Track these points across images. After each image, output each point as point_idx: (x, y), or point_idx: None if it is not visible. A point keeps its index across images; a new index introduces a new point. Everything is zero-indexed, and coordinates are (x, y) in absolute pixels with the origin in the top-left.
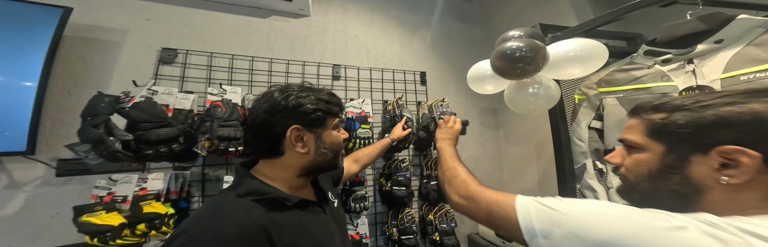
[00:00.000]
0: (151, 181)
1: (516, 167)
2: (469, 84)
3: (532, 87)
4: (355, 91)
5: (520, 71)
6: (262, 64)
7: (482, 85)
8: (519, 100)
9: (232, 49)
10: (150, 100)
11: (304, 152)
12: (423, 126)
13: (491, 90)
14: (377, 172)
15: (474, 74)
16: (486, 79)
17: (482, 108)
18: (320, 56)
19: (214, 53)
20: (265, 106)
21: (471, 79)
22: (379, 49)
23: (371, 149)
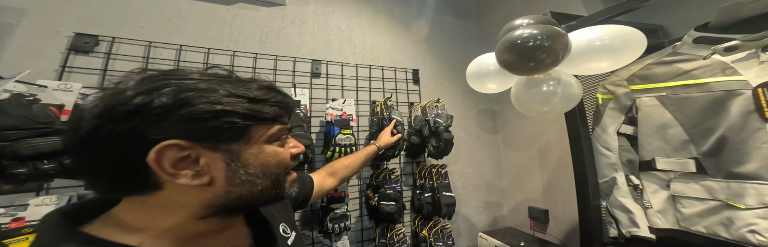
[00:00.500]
0: (33, 208)
1: (517, 174)
2: (468, 82)
3: (546, 84)
4: (337, 90)
5: (535, 65)
6: (222, 58)
7: (484, 83)
8: (530, 101)
9: (181, 38)
10: (21, 97)
11: (202, 183)
12: (415, 130)
13: (494, 89)
14: (363, 182)
15: (475, 70)
16: (489, 76)
17: (480, 110)
18: (297, 50)
19: (155, 43)
20: (99, 107)
21: (471, 76)
22: (366, 44)
23: (353, 159)
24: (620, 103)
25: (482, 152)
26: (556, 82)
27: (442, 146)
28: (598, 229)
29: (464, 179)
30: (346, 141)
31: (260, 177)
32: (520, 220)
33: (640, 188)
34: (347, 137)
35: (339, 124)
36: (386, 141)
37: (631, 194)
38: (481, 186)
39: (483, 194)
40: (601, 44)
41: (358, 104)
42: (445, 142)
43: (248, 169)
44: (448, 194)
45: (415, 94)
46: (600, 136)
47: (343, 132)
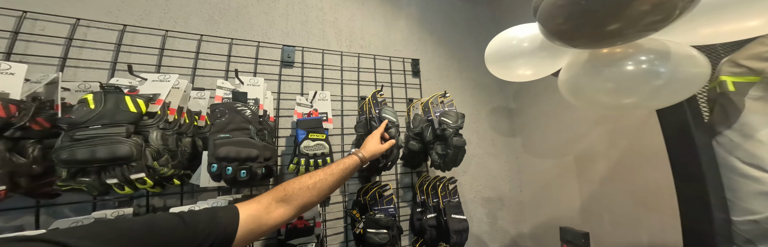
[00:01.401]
0: None
1: (542, 187)
2: (488, 66)
3: (633, 61)
4: (316, 83)
5: (620, 28)
6: (148, 39)
7: (512, 69)
8: (598, 89)
9: (82, 10)
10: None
11: None
12: (415, 133)
13: (528, 75)
14: (349, 198)
15: (499, 50)
16: (521, 57)
17: (494, 108)
18: (263, 34)
19: (32, 13)
20: None
21: (492, 59)
22: (355, 29)
23: (321, 177)
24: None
25: (497, 160)
26: (657, 57)
27: (450, 154)
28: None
29: (475, 191)
30: (316, 150)
31: None
32: (547, 241)
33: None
34: (318, 144)
35: (305, 125)
36: (373, 150)
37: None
38: (494, 199)
39: (497, 208)
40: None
41: (342, 100)
42: (454, 149)
43: None
44: (459, 216)
45: (414, 89)
46: (738, 145)
47: (312, 137)
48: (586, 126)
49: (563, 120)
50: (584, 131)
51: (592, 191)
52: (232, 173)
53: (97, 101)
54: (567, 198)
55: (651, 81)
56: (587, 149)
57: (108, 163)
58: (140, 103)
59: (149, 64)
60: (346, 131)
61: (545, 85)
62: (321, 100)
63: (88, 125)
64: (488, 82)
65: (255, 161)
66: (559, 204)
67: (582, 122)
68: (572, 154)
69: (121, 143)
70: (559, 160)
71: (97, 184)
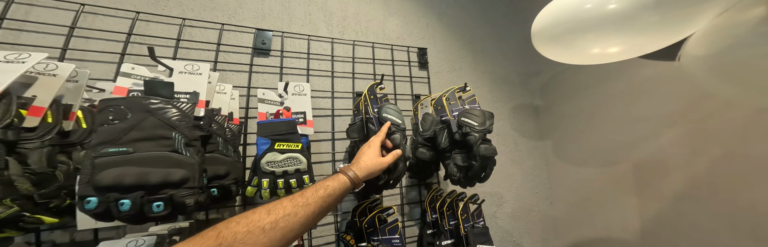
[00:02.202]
0: None
1: (582, 201)
2: (541, 45)
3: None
4: (300, 75)
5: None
6: (55, 14)
7: (583, 45)
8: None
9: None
10: None
11: None
12: (426, 139)
13: (611, 54)
14: (343, 218)
15: (559, 19)
16: (602, 27)
17: (516, 106)
18: (230, 15)
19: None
20: None
21: (550, 33)
22: (348, 12)
23: (286, 211)
24: None
25: (521, 167)
26: None
27: (476, 167)
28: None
29: (496, 206)
30: (286, 166)
31: None
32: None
33: None
34: (289, 157)
35: (269, 131)
36: (371, 166)
37: None
38: (521, 214)
39: (524, 225)
40: None
41: (333, 97)
42: (482, 160)
43: None
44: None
45: (422, 84)
46: None
47: (280, 147)
48: (651, 127)
49: (613, 119)
50: (648, 133)
51: (661, 211)
52: (132, 209)
53: None
54: (620, 217)
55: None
56: (653, 157)
57: None
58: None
59: (53, 47)
60: (338, 136)
61: (588, 76)
62: (297, 94)
63: None
64: (508, 75)
65: (180, 187)
66: (606, 223)
67: (644, 122)
68: (627, 162)
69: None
70: (607, 169)
71: None
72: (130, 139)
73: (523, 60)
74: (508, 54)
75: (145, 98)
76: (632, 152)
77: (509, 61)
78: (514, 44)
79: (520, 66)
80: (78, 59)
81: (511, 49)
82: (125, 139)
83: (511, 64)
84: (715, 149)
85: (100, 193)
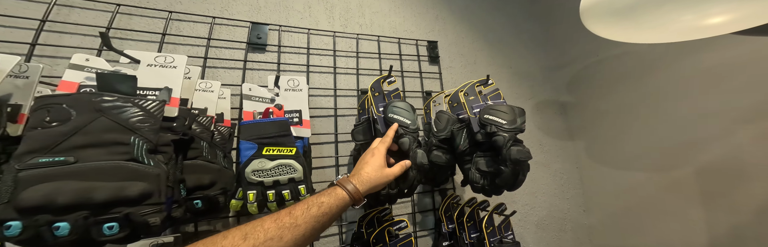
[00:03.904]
0: None
1: (625, 209)
2: (591, 21)
3: None
4: (299, 72)
5: None
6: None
7: (662, 19)
8: None
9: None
10: None
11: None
12: (441, 140)
13: (715, 27)
14: (348, 229)
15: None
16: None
17: (540, 102)
18: (223, 8)
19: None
20: None
21: (611, 6)
22: (351, 5)
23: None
24: None
25: (549, 170)
26: None
27: (507, 172)
28: None
29: (522, 213)
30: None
31: None
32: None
33: None
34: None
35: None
36: (374, 178)
37: None
38: (551, 223)
39: (554, 235)
40: None
41: (336, 95)
42: (513, 164)
43: None
44: None
45: (433, 79)
46: None
47: (269, 153)
48: (721, 124)
49: (664, 116)
50: (716, 131)
51: (740, 225)
52: (70, 233)
53: None
54: (680, 230)
55: None
56: (725, 160)
57: None
58: None
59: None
60: (342, 138)
61: (625, 68)
62: (291, 90)
63: None
64: (530, 69)
65: (140, 204)
66: (662, 237)
67: (711, 118)
68: (690, 166)
69: None
70: (659, 174)
71: None
72: (71, 145)
73: (546, 52)
74: (529, 46)
75: (97, 95)
76: (695, 155)
77: (530, 53)
78: (536, 35)
79: (544, 59)
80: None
81: (532, 40)
82: (65, 145)
83: (532, 56)
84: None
85: (25, 215)
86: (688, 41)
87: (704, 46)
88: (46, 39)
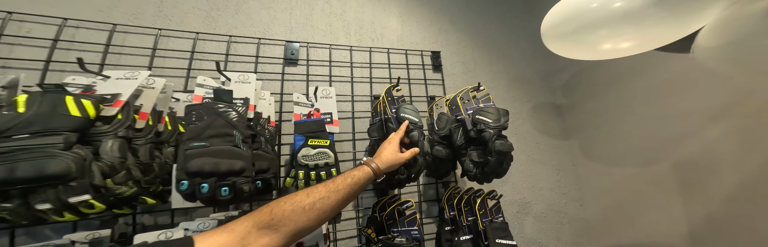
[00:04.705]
0: None
1: (618, 203)
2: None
3: None
4: (324, 81)
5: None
6: (140, 38)
7: (593, 41)
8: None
9: (68, 10)
10: None
11: None
12: (441, 137)
13: (623, 49)
14: (364, 214)
15: (567, 17)
16: (612, 24)
17: (537, 105)
18: (264, 30)
19: (18, 14)
20: None
21: (561, 31)
22: (365, 21)
23: (321, 195)
24: None
25: (546, 167)
26: None
27: (492, 162)
28: None
29: (519, 205)
30: (318, 159)
31: None
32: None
33: None
34: (320, 152)
35: (304, 129)
36: (391, 159)
37: None
38: (548, 217)
39: (552, 228)
40: None
41: (353, 101)
42: (497, 155)
43: None
44: (507, 242)
45: (436, 85)
46: None
47: (312, 143)
48: (694, 122)
49: (649, 115)
50: (691, 129)
51: (712, 213)
52: (208, 192)
53: (30, 104)
54: (663, 220)
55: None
56: (699, 155)
57: (35, 183)
58: (87, 105)
59: (141, 65)
60: (359, 136)
61: (614, 72)
62: (324, 97)
63: (11, 133)
64: (527, 74)
65: (240, 175)
66: (647, 227)
67: (686, 117)
68: (668, 161)
69: (54, 157)
70: (643, 168)
71: (23, 210)
72: (206, 135)
73: (542, 59)
74: (526, 53)
75: (214, 103)
76: (673, 150)
77: (527, 60)
78: (532, 43)
79: (540, 65)
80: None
81: (528, 48)
82: (203, 135)
83: (529, 63)
84: None
85: (189, 177)
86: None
87: (679, 55)
88: (160, 63)
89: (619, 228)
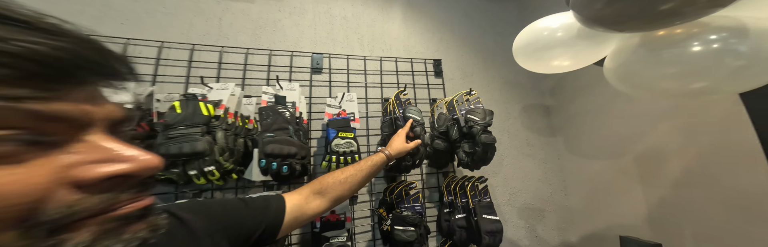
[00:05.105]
0: None
1: (594, 191)
2: (518, 59)
3: (700, 42)
4: (342, 87)
5: (675, 8)
6: (209, 55)
7: (545, 60)
8: (658, 75)
9: (164, 34)
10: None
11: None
12: (440, 132)
13: (566, 66)
14: (376, 197)
15: (527, 42)
16: (555, 48)
17: (527, 106)
18: (295, 44)
19: (133, 40)
20: None
21: (522, 51)
22: (375, 34)
23: (351, 172)
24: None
25: (534, 160)
26: (734, 35)
27: (479, 152)
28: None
29: (509, 194)
30: (345, 147)
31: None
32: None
33: None
34: (347, 142)
35: (335, 125)
36: (399, 148)
37: None
38: (535, 205)
39: (538, 215)
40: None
41: (367, 103)
42: (483, 146)
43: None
44: (491, 217)
45: (437, 89)
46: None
47: (341, 135)
48: (648, 121)
49: (617, 115)
50: (646, 127)
51: (664, 197)
52: (276, 168)
53: (182, 107)
54: (628, 205)
55: (728, 62)
56: (652, 148)
57: (190, 157)
58: (210, 108)
59: (211, 76)
60: (371, 132)
61: (591, 78)
62: (348, 101)
63: (176, 126)
64: (519, 79)
65: (294, 158)
66: (618, 211)
67: (642, 117)
68: (631, 154)
69: (198, 141)
70: (613, 161)
71: (182, 174)
72: (273, 128)
73: None
74: None
75: (276, 106)
76: (633, 145)
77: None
78: None
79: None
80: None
81: None
82: (271, 129)
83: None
84: (704, 139)
85: (266, 157)
86: None
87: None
88: (224, 74)
89: (596, 213)
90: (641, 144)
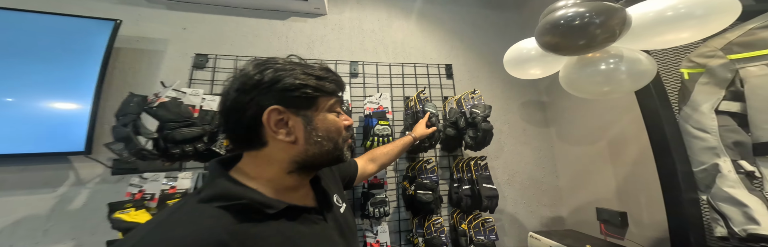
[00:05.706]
0: (180, 180)
1: (579, 172)
2: (507, 69)
3: (604, 63)
4: (373, 87)
5: (586, 43)
6: None
7: (525, 70)
8: (585, 82)
9: (255, 51)
10: (176, 100)
11: (290, 140)
12: (451, 122)
13: (539, 74)
14: (400, 174)
15: (513, 57)
16: (530, 62)
17: (525, 101)
18: (337, 54)
19: (239, 56)
20: (236, 84)
21: (509, 63)
22: (397, 44)
23: (390, 147)
24: (717, 76)
25: (529, 147)
26: (618, 60)
27: (480, 136)
28: (699, 228)
29: (509, 175)
30: (384, 131)
31: (326, 139)
32: (584, 223)
33: (759, 177)
34: (384, 127)
35: (377, 116)
36: (421, 132)
37: (742, 183)
38: (530, 184)
39: (533, 193)
40: (675, 14)
41: (392, 100)
42: (483, 132)
43: (318, 132)
44: (489, 185)
45: (449, 89)
46: (690, 116)
47: (381, 123)
48: (616, 113)
49: (594, 109)
50: (615, 117)
51: (627, 173)
52: None
53: None
54: (602, 181)
55: (617, 75)
56: (619, 135)
57: None
58: None
59: None
60: (394, 123)
61: None
62: (384, 99)
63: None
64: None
65: None
66: (595, 187)
67: (612, 110)
68: (605, 140)
69: None
70: (592, 146)
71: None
72: None
73: None
74: None
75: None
76: (606, 133)
77: None
78: None
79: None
80: None
81: None
82: None
83: None
84: None
85: None
86: None
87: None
88: None
89: (579, 191)
90: (610, 132)
